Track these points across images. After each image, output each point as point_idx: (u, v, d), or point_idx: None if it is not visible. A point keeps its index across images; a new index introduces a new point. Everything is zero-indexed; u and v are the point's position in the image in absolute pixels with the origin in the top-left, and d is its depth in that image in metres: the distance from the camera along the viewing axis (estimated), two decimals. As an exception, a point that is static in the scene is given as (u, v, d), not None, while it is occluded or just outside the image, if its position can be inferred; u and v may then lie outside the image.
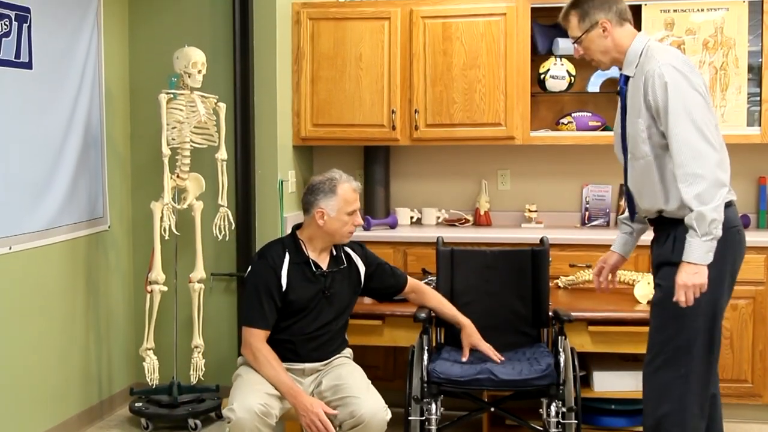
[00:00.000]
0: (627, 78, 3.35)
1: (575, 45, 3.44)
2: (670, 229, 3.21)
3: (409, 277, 4.02)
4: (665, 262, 3.23)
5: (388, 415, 3.52)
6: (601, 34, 3.35)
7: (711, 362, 3.26)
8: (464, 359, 3.79)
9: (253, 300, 3.64)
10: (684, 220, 3.09)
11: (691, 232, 3.05)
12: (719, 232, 3.04)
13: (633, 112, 3.29)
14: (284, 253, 3.70)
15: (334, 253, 3.81)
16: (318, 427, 3.44)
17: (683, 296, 3.07)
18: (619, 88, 3.40)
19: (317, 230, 3.70)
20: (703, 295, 3.11)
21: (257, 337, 3.60)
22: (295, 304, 3.65)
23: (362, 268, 3.87)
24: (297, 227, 3.82)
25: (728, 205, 3.16)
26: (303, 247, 3.73)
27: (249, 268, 3.77)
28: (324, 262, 3.75)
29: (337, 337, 3.81)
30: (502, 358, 3.78)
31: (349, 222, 3.70)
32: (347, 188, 3.70)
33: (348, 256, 3.85)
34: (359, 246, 3.94)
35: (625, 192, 3.52)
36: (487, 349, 3.83)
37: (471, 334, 3.87)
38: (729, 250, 3.21)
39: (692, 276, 3.05)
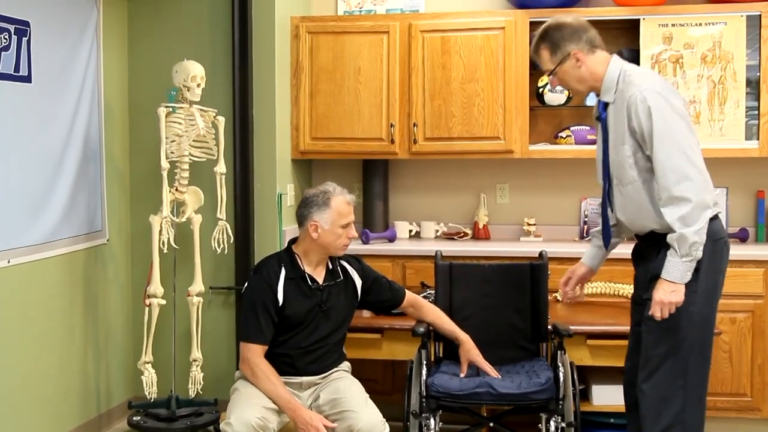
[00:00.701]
0: (606, 104, 3.36)
1: (550, 77, 3.46)
2: (661, 244, 3.22)
3: (407, 292, 4.01)
4: (657, 275, 3.23)
5: (386, 429, 3.52)
6: (575, 64, 3.36)
7: (706, 371, 3.31)
8: (462, 375, 3.78)
9: (249, 315, 3.64)
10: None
11: (672, 252, 3.12)
12: (699, 254, 3.10)
13: (617, 139, 3.30)
14: (280, 268, 3.70)
15: (330, 266, 3.81)
16: None
17: (659, 312, 3.14)
18: (597, 114, 3.42)
19: (312, 243, 3.71)
20: (697, 307, 3.18)
21: (255, 352, 3.60)
22: (291, 318, 3.65)
23: (359, 282, 3.87)
24: (293, 241, 3.82)
25: (714, 218, 3.22)
26: (298, 261, 3.74)
27: (246, 284, 3.77)
28: (320, 276, 3.76)
29: (335, 351, 3.81)
30: (500, 376, 3.77)
31: (343, 235, 3.70)
32: (341, 201, 3.70)
33: (344, 269, 3.85)
34: (356, 260, 3.94)
35: (603, 217, 3.54)
36: (485, 365, 3.82)
37: (469, 350, 3.86)
38: (719, 263, 3.28)
39: (669, 294, 3.12)
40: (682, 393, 3.23)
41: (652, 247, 3.30)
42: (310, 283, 3.72)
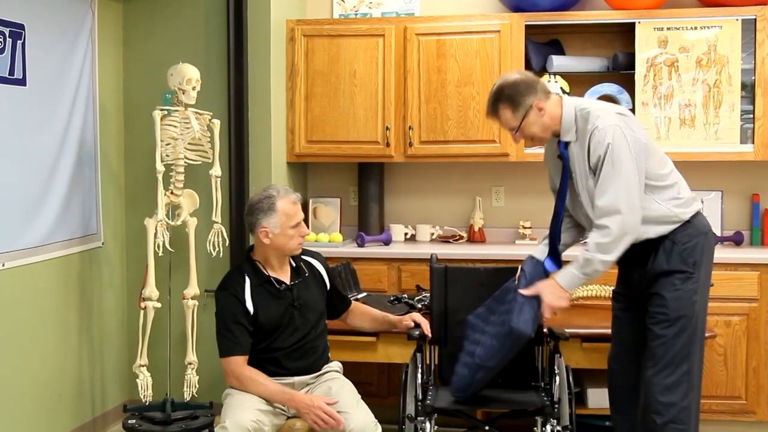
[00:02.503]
0: (566, 144, 3.51)
1: (515, 133, 3.58)
2: (651, 247, 3.45)
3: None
4: (661, 272, 3.44)
5: (378, 429, 3.52)
6: (538, 113, 3.50)
7: (703, 356, 3.55)
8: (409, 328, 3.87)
9: (224, 332, 3.63)
10: (634, 241, 3.39)
11: (575, 265, 3.39)
12: (594, 277, 3.41)
13: (581, 175, 3.48)
14: (243, 278, 3.69)
15: (294, 264, 3.80)
16: (325, 419, 3.44)
17: (549, 314, 3.49)
18: (558, 153, 3.56)
19: (266, 248, 3.70)
20: (699, 296, 3.42)
21: (237, 364, 3.60)
22: (267, 324, 3.65)
23: (325, 274, 3.89)
24: (250, 249, 3.82)
25: (696, 214, 3.47)
26: (260, 267, 3.73)
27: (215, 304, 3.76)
28: (286, 277, 3.75)
29: (320, 345, 3.80)
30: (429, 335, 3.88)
31: (296, 235, 3.69)
32: (286, 202, 3.68)
33: (308, 264, 3.86)
34: (318, 254, 3.96)
35: (552, 237, 3.72)
36: (425, 324, 3.90)
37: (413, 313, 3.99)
38: (711, 254, 3.52)
39: (558, 299, 3.46)
40: (687, 379, 3.42)
41: (645, 253, 3.45)
42: (277, 285, 3.71)
